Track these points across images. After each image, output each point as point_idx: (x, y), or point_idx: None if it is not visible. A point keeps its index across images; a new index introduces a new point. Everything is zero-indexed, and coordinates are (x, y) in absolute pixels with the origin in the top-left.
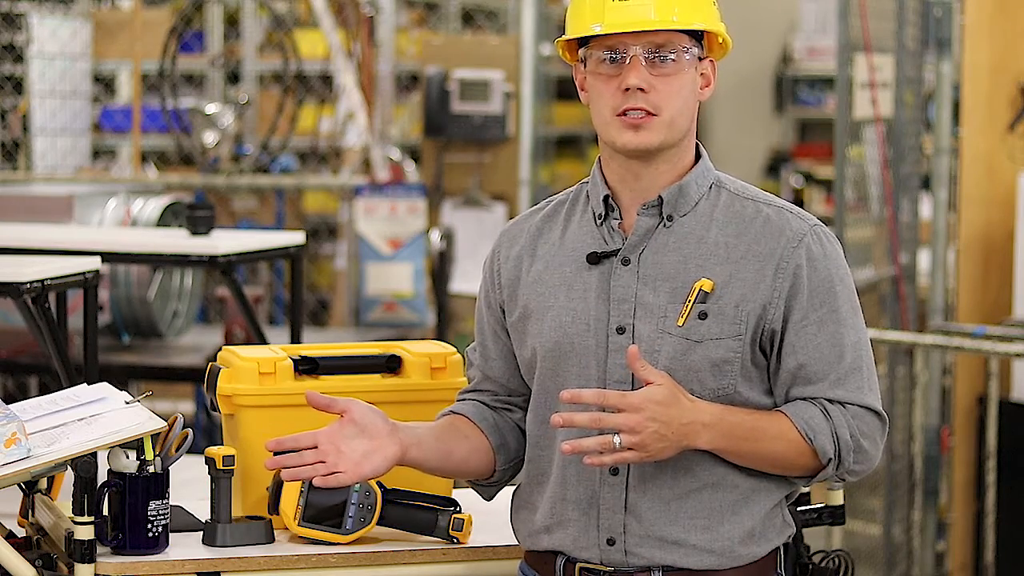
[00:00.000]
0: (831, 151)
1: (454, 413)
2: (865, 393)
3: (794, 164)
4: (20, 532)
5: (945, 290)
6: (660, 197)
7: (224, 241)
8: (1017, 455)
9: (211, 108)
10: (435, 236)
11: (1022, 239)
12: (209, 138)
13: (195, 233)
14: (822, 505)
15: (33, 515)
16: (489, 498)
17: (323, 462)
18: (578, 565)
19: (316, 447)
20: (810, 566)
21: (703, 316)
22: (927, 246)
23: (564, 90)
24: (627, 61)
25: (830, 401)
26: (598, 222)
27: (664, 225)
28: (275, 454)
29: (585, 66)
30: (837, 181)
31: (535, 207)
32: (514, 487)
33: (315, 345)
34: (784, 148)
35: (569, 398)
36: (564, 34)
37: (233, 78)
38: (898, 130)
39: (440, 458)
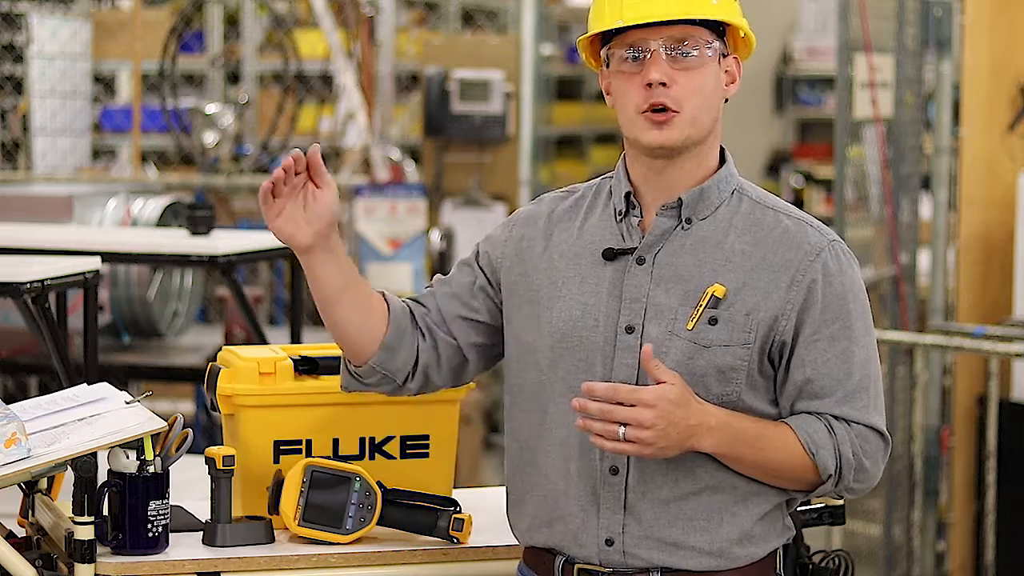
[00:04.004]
0: (831, 151)
1: (384, 296)
2: (871, 413)
3: (794, 164)
4: (20, 532)
5: (945, 290)
6: (680, 199)
7: (224, 241)
8: (1017, 455)
9: (211, 108)
10: (435, 236)
11: (1022, 239)
12: (209, 138)
13: (195, 233)
14: (822, 505)
15: (33, 515)
16: (344, 388)
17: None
18: (576, 566)
19: (298, 173)
20: (810, 566)
21: (713, 321)
22: (927, 246)
23: (564, 90)
24: (648, 57)
25: (835, 418)
26: (618, 218)
27: (682, 227)
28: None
29: (608, 67)
30: (837, 181)
31: (558, 194)
32: (505, 483)
33: (315, 345)
34: (784, 148)
35: (585, 390)
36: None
37: (233, 78)
38: (898, 130)
39: (330, 295)
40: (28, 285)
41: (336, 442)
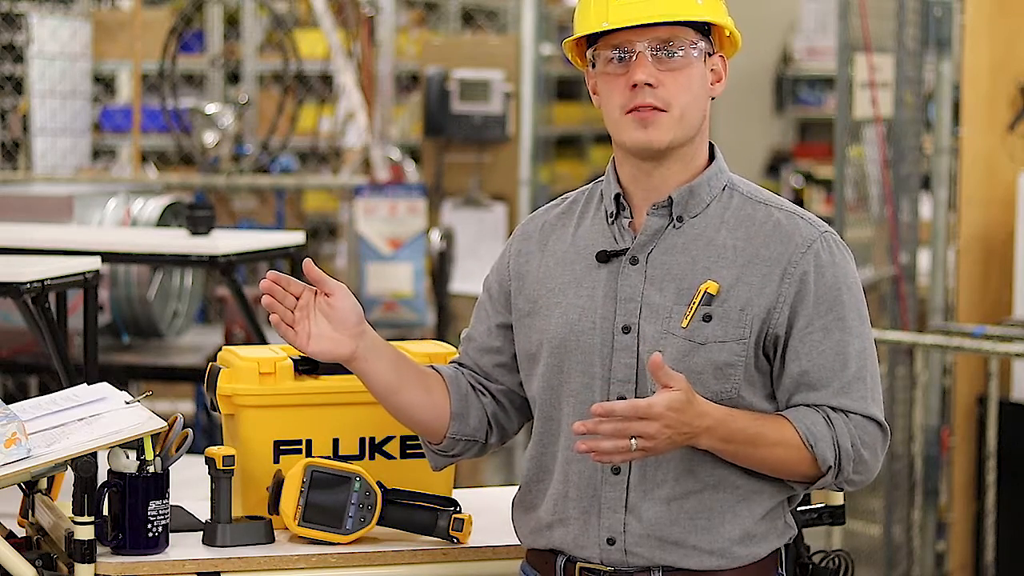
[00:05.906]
0: (831, 151)
1: (433, 368)
2: (868, 403)
3: (794, 164)
4: (20, 532)
5: (945, 290)
6: (670, 198)
7: (224, 241)
8: (1017, 455)
9: (211, 108)
10: (435, 236)
11: (1022, 239)
12: (209, 138)
13: (195, 233)
14: (822, 505)
15: (33, 515)
16: (435, 468)
17: (292, 312)
18: (578, 565)
19: (299, 299)
20: (810, 566)
21: (707, 318)
22: (927, 246)
23: (564, 90)
24: (634, 58)
25: (833, 409)
26: (609, 221)
27: (674, 226)
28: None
29: (594, 67)
30: (837, 181)
31: (552, 203)
32: (517, 486)
33: None
34: (784, 148)
35: (603, 412)
36: (564, 35)
37: (233, 78)
38: (898, 130)
39: (388, 388)
40: (28, 285)
41: (336, 442)
